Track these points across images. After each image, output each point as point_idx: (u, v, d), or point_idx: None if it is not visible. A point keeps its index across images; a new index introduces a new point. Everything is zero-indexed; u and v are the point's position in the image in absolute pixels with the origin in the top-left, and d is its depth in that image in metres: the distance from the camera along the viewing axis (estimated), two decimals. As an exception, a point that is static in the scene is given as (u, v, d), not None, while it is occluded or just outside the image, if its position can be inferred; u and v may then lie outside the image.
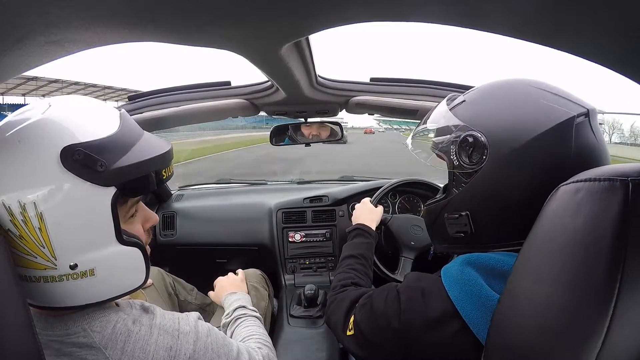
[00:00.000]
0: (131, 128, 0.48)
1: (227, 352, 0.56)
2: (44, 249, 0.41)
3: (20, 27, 0.35)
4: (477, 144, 0.49)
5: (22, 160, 0.40)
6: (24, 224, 0.40)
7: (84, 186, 0.41)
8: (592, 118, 0.47)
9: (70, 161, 0.40)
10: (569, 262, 0.33)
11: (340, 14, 0.41)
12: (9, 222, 0.40)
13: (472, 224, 0.51)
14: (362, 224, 0.95)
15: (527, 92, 0.50)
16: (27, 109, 0.45)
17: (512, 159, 0.47)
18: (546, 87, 0.49)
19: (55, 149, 0.40)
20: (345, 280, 0.78)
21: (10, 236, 0.40)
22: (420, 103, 1.05)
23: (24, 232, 0.40)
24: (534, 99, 0.48)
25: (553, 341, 0.33)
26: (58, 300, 0.44)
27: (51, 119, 0.42)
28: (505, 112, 0.49)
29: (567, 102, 0.47)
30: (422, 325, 0.50)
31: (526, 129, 0.46)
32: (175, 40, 0.48)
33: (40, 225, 0.40)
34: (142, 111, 1.07)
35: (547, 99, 0.47)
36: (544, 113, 0.46)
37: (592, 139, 0.46)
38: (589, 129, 0.46)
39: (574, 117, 0.45)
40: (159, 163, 0.47)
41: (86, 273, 0.43)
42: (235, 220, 1.44)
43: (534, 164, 0.46)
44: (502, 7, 0.34)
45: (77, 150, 0.40)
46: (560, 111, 0.46)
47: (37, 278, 0.42)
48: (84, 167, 0.41)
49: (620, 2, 0.28)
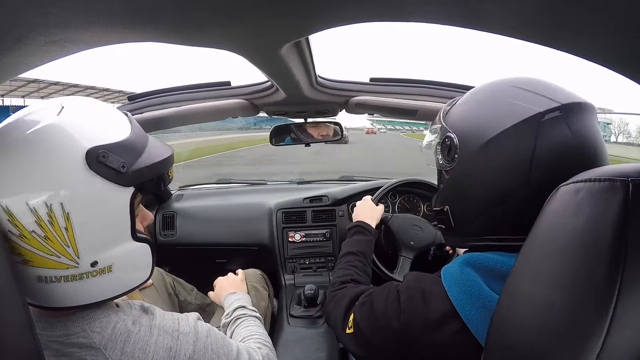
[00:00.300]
0: (140, 131, 0.50)
1: (226, 353, 0.56)
2: (69, 249, 0.41)
3: (20, 27, 0.35)
4: (451, 144, 0.52)
5: (45, 162, 0.40)
6: (50, 224, 0.40)
7: (108, 186, 0.43)
8: (569, 113, 0.45)
9: (96, 163, 0.42)
10: (569, 263, 0.33)
11: (340, 14, 0.41)
12: (33, 224, 0.40)
13: (452, 218, 0.55)
14: (363, 222, 0.96)
15: (500, 91, 0.51)
16: (36, 109, 0.45)
17: (476, 157, 0.49)
18: (522, 85, 0.49)
19: (80, 151, 0.41)
20: (344, 276, 0.78)
21: (35, 238, 0.40)
22: (419, 103, 1.05)
23: (49, 232, 0.40)
24: (502, 98, 0.49)
25: (553, 342, 0.33)
26: (73, 299, 0.44)
27: (71, 120, 0.43)
28: (473, 112, 0.52)
29: (538, 98, 0.47)
30: (422, 326, 0.50)
31: (489, 128, 0.48)
32: (175, 40, 0.48)
33: (66, 225, 0.41)
34: (142, 111, 1.07)
35: (517, 97, 0.48)
36: (508, 111, 0.47)
37: (566, 135, 0.44)
38: (562, 125, 0.45)
39: (540, 114, 0.45)
40: (168, 165, 0.51)
41: (105, 270, 0.45)
42: (235, 220, 1.44)
43: (496, 161, 0.47)
44: (502, 7, 0.34)
45: (101, 152, 0.42)
46: (525, 108, 0.46)
47: (58, 278, 0.42)
48: (108, 168, 0.43)
49: (620, 2, 0.28)
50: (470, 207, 0.51)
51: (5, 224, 0.39)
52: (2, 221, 0.39)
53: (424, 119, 1.13)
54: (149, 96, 1.08)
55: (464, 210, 0.53)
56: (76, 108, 0.45)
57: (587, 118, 0.46)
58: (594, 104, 0.49)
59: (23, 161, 0.40)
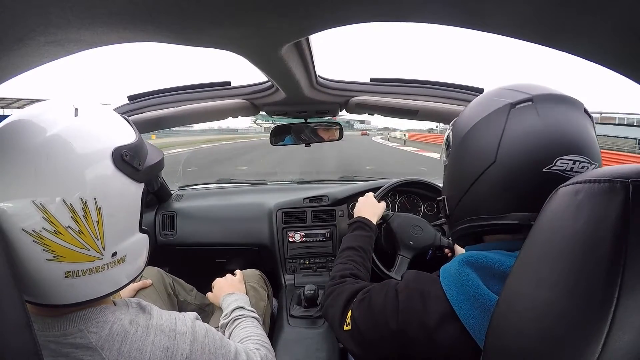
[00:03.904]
0: (140, 134, 0.53)
1: (224, 353, 0.56)
2: (98, 241, 0.44)
3: (21, 27, 0.35)
4: (449, 139, 0.59)
5: (76, 160, 0.42)
6: (85, 219, 0.43)
7: (128, 182, 0.47)
8: (540, 103, 0.48)
9: (120, 160, 0.46)
10: (568, 266, 0.32)
11: (341, 14, 0.41)
12: (69, 219, 0.42)
13: (447, 206, 0.60)
14: (364, 217, 0.96)
15: (490, 92, 0.56)
16: (44, 111, 0.45)
17: (461, 146, 0.55)
18: (508, 86, 0.54)
19: (107, 150, 0.45)
20: (344, 271, 0.78)
21: (69, 233, 0.42)
22: (420, 103, 1.05)
23: (83, 226, 0.43)
24: (488, 96, 0.55)
25: (552, 345, 0.32)
26: (89, 292, 0.46)
27: (90, 122, 0.46)
28: (466, 111, 0.58)
29: (515, 93, 0.51)
30: (420, 326, 0.50)
31: (471, 119, 0.54)
32: (175, 41, 0.48)
33: (98, 218, 0.44)
34: (142, 111, 1.07)
35: (499, 95, 0.53)
36: (487, 105, 0.53)
37: (534, 120, 0.47)
38: (531, 112, 0.48)
39: (511, 104, 0.49)
40: (163, 165, 0.56)
41: (121, 260, 0.48)
42: (235, 220, 1.44)
43: (472, 146, 0.53)
44: (502, 8, 0.34)
45: (124, 152, 0.46)
46: (498, 101, 0.51)
47: (84, 271, 0.44)
48: (129, 166, 0.47)
49: (619, 2, 0.28)
50: (456, 191, 0.56)
51: (39, 222, 0.40)
52: (36, 220, 0.40)
53: (424, 119, 1.13)
54: (149, 96, 1.08)
55: (453, 195, 0.58)
56: (92, 111, 0.48)
57: (562, 109, 0.49)
58: (585, 102, 0.51)
59: (52, 162, 0.41)
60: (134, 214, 0.49)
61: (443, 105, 1.04)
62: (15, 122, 0.43)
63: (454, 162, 0.57)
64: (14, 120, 0.44)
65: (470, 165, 0.52)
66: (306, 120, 1.22)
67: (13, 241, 0.40)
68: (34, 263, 0.41)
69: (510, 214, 0.48)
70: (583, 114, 0.49)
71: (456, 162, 0.57)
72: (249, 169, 9.91)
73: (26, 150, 0.41)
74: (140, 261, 0.53)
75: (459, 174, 0.56)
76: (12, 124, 0.43)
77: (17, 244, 0.40)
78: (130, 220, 0.49)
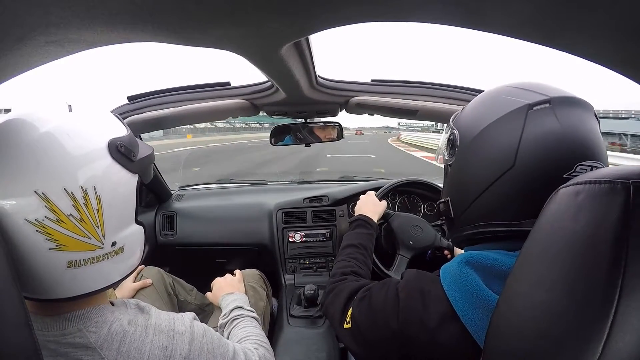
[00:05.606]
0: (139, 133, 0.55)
1: (222, 353, 0.56)
2: (98, 229, 0.46)
3: (21, 27, 0.35)
4: (454, 139, 0.56)
5: (74, 151, 0.44)
6: (85, 207, 0.44)
7: (123, 172, 0.49)
8: (558, 106, 0.47)
9: (116, 152, 0.47)
10: (569, 267, 0.32)
11: (341, 14, 0.41)
12: (71, 207, 0.43)
13: (451, 208, 0.57)
14: (364, 215, 0.96)
15: (497, 90, 0.54)
16: (39, 109, 0.46)
17: (471, 147, 0.53)
18: (518, 85, 0.52)
19: (103, 142, 0.47)
20: (345, 268, 0.78)
21: (71, 221, 0.43)
22: (420, 103, 1.05)
23: (84, 214, 0.44)
24: (498, 96, 0.53)
25: (552, 347, 0.32)
26: (90, 284, 0.47)
27: (87, 117, 0.48)
28: (473, 110, 0.56)
29: (529, 93, 0.49)
30: (420, 326, 0.49)
31: (483, 120, 0.51)
32: (175, 41, 0.48)
33: (98, 207, 0.45)
34: (142, 111, 1.07)
35: (510, 94, 0.51)
36: (500, 105, 0.51)
37: (553, 124, 0.46)
38: (550, 116, 0.46)
39: (529, 105, 0.47)
40: (153, 158, 0.58)
41: (119, 250, 0.49)
42: (235, 220, 1.44)
43: (487, 148, 0.50)
44: (502, 7, 0.34)
45: (119, 143, 0.48)
46: (514, 101, 0.49)
47: (86, 261, 0.45)
48: (124, 157, 0.48)
49: (619, 2, 0.28)
50: (465, 194, 0.54)
51: (41, 211, 0.41)
52: (38, 209, 0.41)
53: (424, 119, 1.13)
54: (149, 96, 1.08)
55: (460, 199, 0.55)
56: (83, 107, 0.49)
57: (578, 112, 0.47)
58: (592, 103, 0.49)
59: (52, 153, 0.42)
60: (130, 203, 0.51)
61: (443, 105, 1.04)
62: (12, 120, 0.44)
63: (462, 165, 0.54)
64: (11, 118, 0.44)
65: (484, 169, 0.50)
66: (306, 121, 1.22)
67: (15, 235, 0.41)
68: (36, 254, 0.42)
69: (527, 220, 0.45)
70: (594, 118, 0.49)
71: (465, 165, 0.54)
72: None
73: (26, 144, 0.42)
74: (137, 254, 0.55)
75: (469, 177, 0.53)
76: (9, 121, 0.44)
77: (20, 236, 0.41)
78: (128, 209, 0.51)
